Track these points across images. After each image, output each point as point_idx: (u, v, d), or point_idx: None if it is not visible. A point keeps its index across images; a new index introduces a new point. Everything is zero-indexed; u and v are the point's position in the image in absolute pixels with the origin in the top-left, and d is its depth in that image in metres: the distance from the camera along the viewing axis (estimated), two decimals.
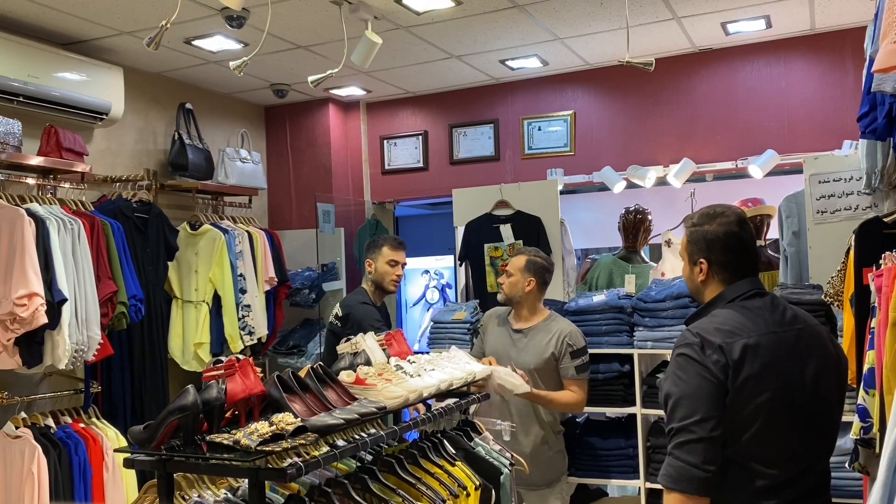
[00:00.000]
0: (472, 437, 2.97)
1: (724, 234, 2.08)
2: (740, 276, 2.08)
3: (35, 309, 3.48)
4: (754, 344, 1.92)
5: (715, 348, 1.91)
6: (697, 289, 2.16)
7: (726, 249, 2.07)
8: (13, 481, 3.54)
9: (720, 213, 2.11)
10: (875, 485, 1.38)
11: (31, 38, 4.20)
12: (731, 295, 2.06)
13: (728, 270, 2.08)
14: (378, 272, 3.88)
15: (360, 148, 6.30)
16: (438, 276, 7.81)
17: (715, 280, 2.10)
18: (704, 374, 1.89)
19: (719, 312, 2.03)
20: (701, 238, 2.11)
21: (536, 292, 3.61)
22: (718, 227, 2.08)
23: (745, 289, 2.06)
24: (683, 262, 2.19)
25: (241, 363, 2.17)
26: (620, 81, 5.44)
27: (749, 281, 2.08)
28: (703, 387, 1.89)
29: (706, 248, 2.09)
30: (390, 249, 3.87)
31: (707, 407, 1.87)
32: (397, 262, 3.89)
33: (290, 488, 2.27)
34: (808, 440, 1.96)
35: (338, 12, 4.01)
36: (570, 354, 3.54)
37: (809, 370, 1.97)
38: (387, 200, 6.35)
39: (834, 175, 4.18)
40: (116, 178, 4.71)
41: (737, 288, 2.06)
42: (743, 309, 2.01)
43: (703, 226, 2.11)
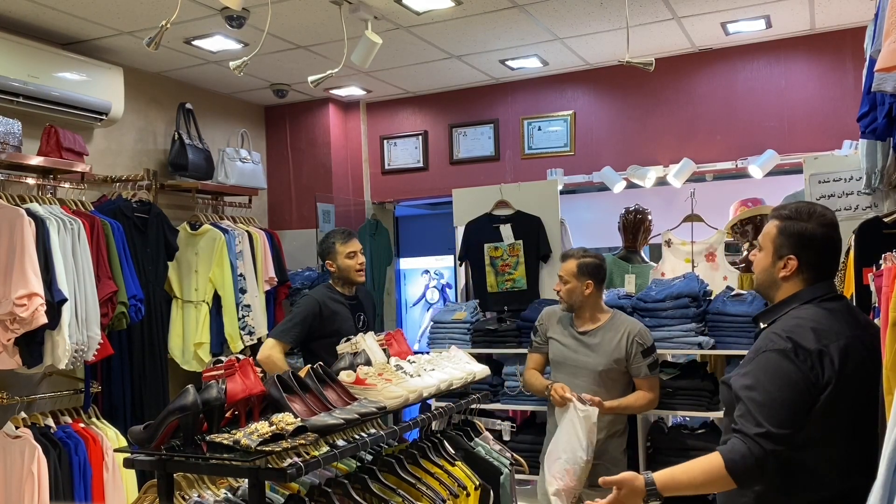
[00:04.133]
0: (472, 437, 2.97)
1: (823, 235, 2.02)
2: (823, 278, 2.03)
3: (35, 309, 3.48)
4: (844, 346, 1.88)
5: (808, 353, 1.87)
6: (773, 283, 2.07)
7: (821, 251, 2.02)
8: (13, 481, 3.54)
9: (819, 213, 2.04)
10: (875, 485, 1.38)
11: (31, 38, 4.20)
12: (809, 296, 2.00)
13: (815, 271, 2.03)
14: (341, 269, 3.86)
15: (360, 148, 6.30)
16: (438, 276, 7.81)
17: (798, 279, 2.03)
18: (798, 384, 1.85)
19: (802, 313, 1.97)
20: (796, 233, 2.02)
21: (596, 293, 3.52)
22: (818, 227, 2.01)
23: (825, 290, 2.02)
24: (764, 252, 2.09)
25: (241, 363, 2.18)
26: (620, 81, 5.44)
27: (828, 283, 2.04)
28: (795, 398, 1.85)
29: (799, 245, 2.02)
30: (342, 244, 3.84)
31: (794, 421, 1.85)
32: (354, 252, 3.86)
33: (290, 488, 2.27)
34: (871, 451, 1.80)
35: (338, 12, 4.01)
36: (640, 353, 3.47)
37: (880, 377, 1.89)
38: (387, 200, 6.35)
39: (834, 175, 4.18)
40: (116, 178, 4.70)
41: (816, 289, 2.01)
42: (825, 311, 1.96)
43: (801, 221, 2.02)
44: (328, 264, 3.90)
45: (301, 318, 3.76)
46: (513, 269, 4.96)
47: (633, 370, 3.47)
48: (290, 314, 3.94)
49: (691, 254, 4.86)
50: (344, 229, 4.06)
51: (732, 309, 4.05)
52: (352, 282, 3.89)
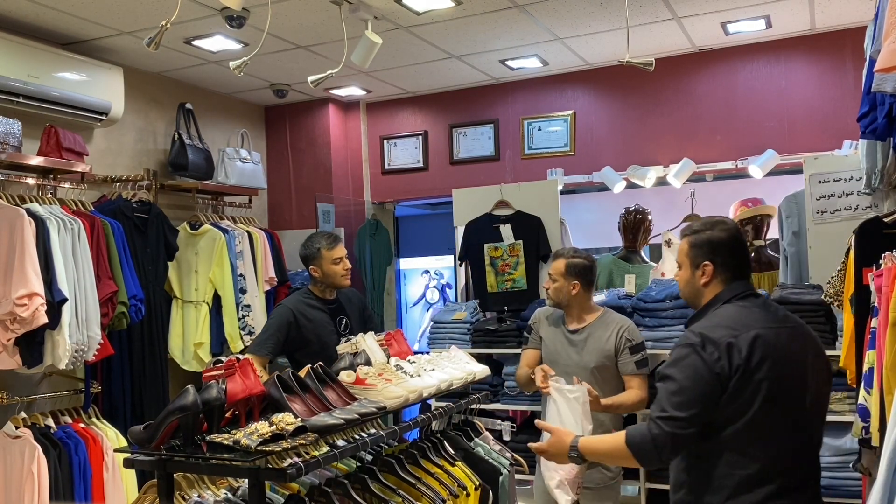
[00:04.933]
0: (472, 437, 2.97)
1: (729, 237, 2.24)
2: (738, 278, 2.23)
3: (35, 309, 3.48)
4: (755, 336, 2.06)
5: (716, 345, 2.04)
6: (697, 292, 2.28)
7: (731, 252, 2.23)
8: (13, 481, 3.54)
9: (721, 221, 2.28)
10: (875, 485, 1.38)
11: (31, 38, 4.20)
12: (728, 295, 2.20)
13: (730, 272, 2.22)
14: (326, 275, 3.76)
15: (360, 148, 6.31)
16: (438, 276, 7.81)
17: (716, 281, 2.24)
18: (702, 373, 2.04)
19: (718, 311, 2.18)
20: (706, 241, 2.25)
21: (583, 293, 3.50)
22: (722, 232, 2.24)
23: (741, 289, 2.21)
24: (683, 268, 2.31)
25: (241, 363, 2.18)
26: (620, 81, 5.44)
27: (744, 283, 2.24)
28: (697, 387, 2.04)
29: (711, 252, 2.23)
30: (328, 250, 3.73)
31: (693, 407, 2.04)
32: (340, 258, 3.77)
33: (290, 488, 2.27)
34: (802, 430, 2.10)
35: (338, 12, 4.01)
36: (629, 349, 3.44)
37: (804, 364, 2.12)
38: (387, 200, 6.35)
39: (834, 175, 4.18)
40: (116, 178, 4.70)
41: (733, 288, 2.21)
42: (740, 307, 2.16)
43: (706, 231, 2.26)
44: (312, 270, 3.78)
45: (275, 329, 3.69)
46: (513, 269, 4.96)
47: (622, 366, 3.46)
48: (265, 325, 3.86)
49: None
50: (328, 233, 3.94)
51: None
52: (337, 287, 3.81)
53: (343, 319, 3.82)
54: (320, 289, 3.82)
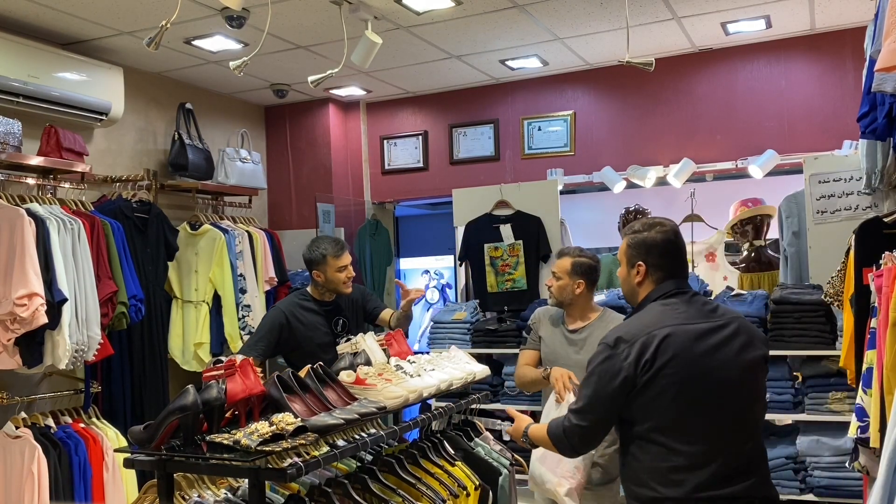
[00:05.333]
0: (472, 437, 2.97)
1: (663, 240, 2.33)
2: (670, 277, 2.31)
3: (35, 309, 3.48)
4: (667, 334, 2.16)
5: (628, 344, 2.17)
6: (633, 290, 2.39)
7: (662, 254, 2.31)
8: (13, 481, 3.54)
9: (659, 223, 2.37)
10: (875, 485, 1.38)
11: (31, 38, 4.20)
12: (656, 294, 2.31)
13: (661, 272, 2.32)
14: (329, 281, 3.72)
15: (360, 148, 6.31)
16: (438, 276, 7.81)
17: (648, 281, 2.34)
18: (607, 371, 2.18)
19: (643, 312, 2.30)
20: (640, 242, 2.35)
21: (587, 293, 3.49)
22: (657, 234, 2.33)
23: (669, 288, 2.30)
24: (622, 266, 2.43)
25: (241, 363, 2.18)
26: (620, 81, 5.44)
27: (674, 282, 2.31)
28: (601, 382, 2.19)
29: (645, 252, 2.33)
30: (334, 258, 3.69)
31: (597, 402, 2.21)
32: (345, 266, 3.73)
33: (290, 488, 2.27)
34: (721, 421, 2.17)
35: (338, 12, 4.01)
36: None
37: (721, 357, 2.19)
38: (387, 200, 6.35)
39: (834, 175, 4.18)
40: (116, 178, 4.70)
41: (662, 288, 2.31)
42: (662, 306, 2.27)
43: (643, 233, 2.36)
44: (315, 274, 3.74)
45: (266, 331, 3.69)
46: (513, 269, 4.97)
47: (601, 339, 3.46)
48: (257, 327, 3.85)
49: (691, 254, 4.86)
50: (335, 239, 3.89)
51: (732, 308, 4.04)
52: (338, 293, 3.79)
53: (340, 320, 3.81)
54: (319, 291, 3.80)
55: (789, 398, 3.85)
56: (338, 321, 3.80)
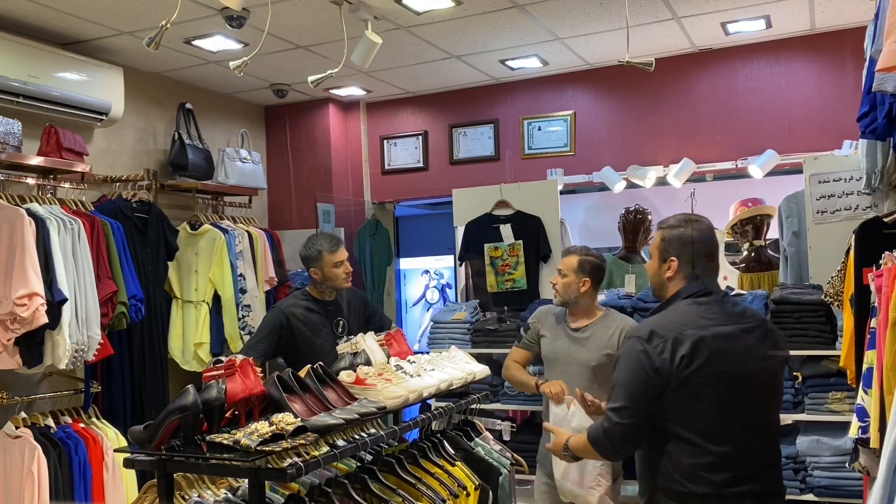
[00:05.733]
0: (472, 437, 2.97)
1: (698, 238, 2.32)
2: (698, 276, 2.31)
3: (35, 309, 3.48)
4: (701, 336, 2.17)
5: (663, 339, 2.16)
6: (662, 284, 2.38)
7: (697, 252, 2.31)
8: (13, 481, 3.54)
9: (695, 220, 2.36)
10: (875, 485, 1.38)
11: (31, 38, 4.20)
12: (687, 292, 2.30)
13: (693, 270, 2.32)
14: (327, 277, 3.73)
15: (360, 148, 6.31)
16: (438, 276, 7.80)
17: (678, 277, 2.33)
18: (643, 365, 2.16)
19: (674, 308, 2.29)
20: (675, 238, 2.34)
21: (591, 292, 3.51)
22: (693, 231, 2.33)
23: (700, 287, 2.30)
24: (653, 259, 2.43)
25: (241, 363, 2.18)
26: (620, 81, 5.44)
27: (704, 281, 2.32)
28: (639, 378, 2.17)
29: (679, 248, 2.33)
30: (330, 254, 3.70)
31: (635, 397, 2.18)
32: (342, 262, 3.74)
33: (290, 488, 2.27)
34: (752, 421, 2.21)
35: (338, 12, 4.01)
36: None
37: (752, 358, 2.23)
38: (387, 200, 6.35)
39: (834, 175, 4.18)
40: (116, 178, 4.70)
41: (693, 286, 2.30)
42: (695, 305, 2.26)
43: (679, 228, 2.35)
44: (313, 272, 3.75)
45: (267, 332, 3.69)
46: (513, 270, 4.96)
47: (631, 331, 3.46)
48: (258, 328, 3.84)
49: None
50: (330, 235, 3.91)
51: None
52: (338, 289, 3.79)
53: (340, 321, 3.80)
54: (319, 290, 3.80)
55: (789, 398, 3.85)
56: (339, 322, 3.79)
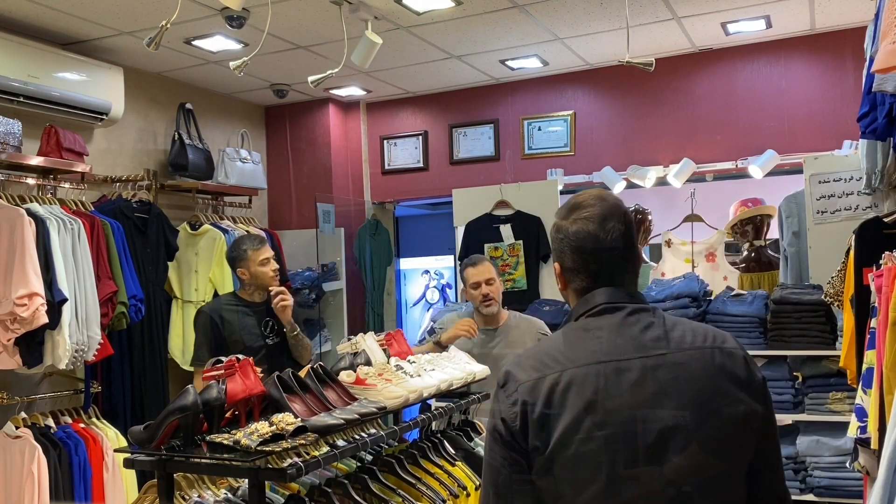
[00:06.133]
0: (472, 437, 2.97)
1: (575, 233, 1.55)
2: (595, 285, 1.55)
3: (35, 309, 3.48)
4: (567, 381, 1.41)
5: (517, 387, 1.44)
6: (565, 299, 1.67)
7: (576, 253, 1.55)
8: (13, 481, 3.54)
9: (579, 205, 1.58)
10: (875, 485, 1.38)
11: (31, 38, 4.20)
12: (579, 311, 1.55)
13: (580, 279, 1.56)
14: (254, 276, 3.75)
15: (360, 148, 6.31)
16: (438, 276, 7.80)
17: (570, 290, 1.60)
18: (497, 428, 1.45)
19: (554, 335, 1.58)
20: (555, 235, 1.61)
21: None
22: (571, 224, 1.56)
23: (596, 302, 1.53)
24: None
25: (241, 363, 2.17)
26: (620, 81, 5.44)
27: (603, 292, 1.53)
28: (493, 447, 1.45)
29: (558, 248, 1.60)
30: (255, 252, 3.74)
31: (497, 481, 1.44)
32: (267, 259, 3.77)
33: (290, 488, 2.27)
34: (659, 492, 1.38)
35: (338, 12, 4.01)
36: None
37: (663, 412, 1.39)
38: (387, 200, 6.35)
39: (834, 175, 4.19)
40: (116, 178, 4.70)
41: (585, 302, 1.55)
42: (579, 330, 1.52)
43: (559, 218, 1.61)
44: (240, 272, 3.78)
45: (202, 336, 3.72)
46: (513, 269, 4.97)
47: None
48: (195, 338, 3.85)
49: (691, 254, 4.86)
50: (255, 236, 3.96)
51: (732, 309, 4.05)
52: (266, 288, 3.80)
53: (270, 322, 3.79)
54: (248, 292, 3.82)
55: (789, 398, 3.86)
56: (268, 322, 3.78)
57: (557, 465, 1.38)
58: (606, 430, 1.38)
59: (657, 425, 1.38)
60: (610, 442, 1.37)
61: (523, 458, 1.40)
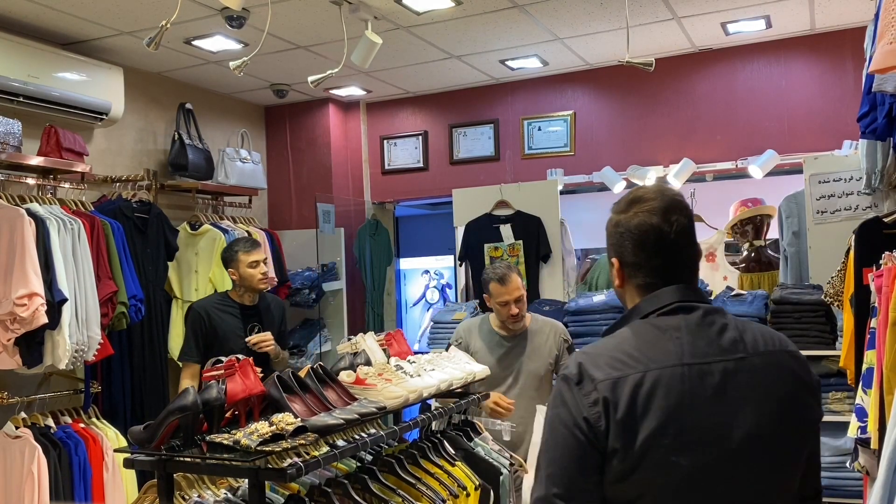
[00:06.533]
0: (472, 437, 2.97)
1: (637, 226, 1.49)
2: (664, 283, 1.49)
3: (35, 309, 3.48)
4: (651, 382, 1.36)
5: (595, 385, 1.37)
6: (620, 296, 1.60)
7: (638, 247, 1.50)
8: (13, 481, 3.54)
9: (639, 199, 1.53)
10: (875, 485, 1.38)
11: (31, 38, 4.20)
12: (647, 308, 1.48)
13: (643, 275, 1.51)
14: (243, 277, 3.81)
15: (360, 148, 6.31)
16: (438, 276, 7.81)
17: (630, 286, 1.54)
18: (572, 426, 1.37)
19: (622, 332, 1.48)
20: (613, 229, 1.55)
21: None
22: (633, 217, 1.51)
23: (666, 300, 1.47)
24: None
25: (241, 363, 2.18)
26: (620, 81, 5.44)
27: (674, 290, 1.48)
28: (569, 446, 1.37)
29: (618, 245, 1.53)
30: (245, 254, 3.80)
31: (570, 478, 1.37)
32: (257, 262, 3.82)
33: (290, 488, 2.27)
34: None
35: (338, 12, 4.01)
36: (566, 350, 3.53)
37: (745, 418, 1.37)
38: (387, 200, 6.35)
39: (834, 175, 4.19)
40: (116, 178, 4.70)
41: (654, 299, 1.48)
42: (653, 329, 1.45)
43: (616, 213, 1.56)
44: (230, 272, 3.86)
45: (192, 333, 3.78)
46: None
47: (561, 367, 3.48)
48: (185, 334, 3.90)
49: None
50: (249, 239, 4.03)
51: (732, 309, 4.04)
52: (254, 290, 3.86)
53: (255, 327, 3.83)
54: (238, 293, 3.88)
55: None
56: (253, 326, 3.83)
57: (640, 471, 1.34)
58: (693, 435, 1.35)
59: (740, 431, 1.36)
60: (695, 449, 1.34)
61: (600, 460, 1.36)
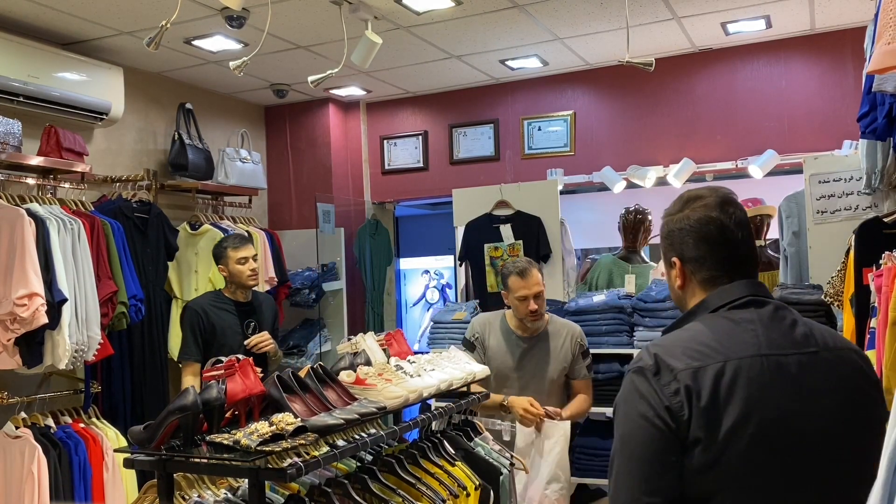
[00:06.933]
0: (472, 437, 2.97)
1: (698, 220, 1.52)
2: (729, 277, 1.50)
3: (35, 309, 3.48)
4: (732, 372, 1.36)
5: (675, 375, 1.37)
6: (679, 298, 1.61)
7: (701, 240, 1.52)
8: (13, 481, 3.54)
9: (697, 196, 1.57)
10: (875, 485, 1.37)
11: (31, 38, 4.20)
12: (717, 302, 1.49)
13: (707, 269, 1.52)
14: (232, 274, 3.86)
15: (360, 148, 6.31)
16: (438, 276, 7.81)
17: (693, 283, 1.54)
18: (653, 418, 1.36)
19: (693, 325, 1.48)
20: (673, 228, 1.57)
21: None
22: (692, 213, 1.54)
23: (737, 294, 1.48)
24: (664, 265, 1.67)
25: (241, 363, 2.18)
26: (620, 81, 5.44)
27: (744, 284, 1.49)
28: (652, 438, 1.35)
29: (679, 242, 1.55)
30: (234, 251, 3.84)
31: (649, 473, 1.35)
32: (245, 258, 3.86)
33: (290, 488, 2.27)
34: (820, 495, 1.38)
35: (338, 12, 4.01)
36: (581, 354, 3.51)
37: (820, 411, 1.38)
38: (387, 200, 6.35)
39: (834, 175, 4.18)
40: (116, 178, 4.70)
41: (724, 293, 1.49)
42: (727, 322, 1.45)
43: (672, 213, 1.59)
44: (220, 269, 3.90)
45: (190, 331, 3.80)
46: None
47: (575, 371, 3.48)
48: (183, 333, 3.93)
49: None
50: (239, 235, 4.07)
51: None
52: (244, 286, 3.90)
53: (252, 323, 3.88)
54: (231, 290, 3.91)
55: None
56: (249, 323, 3.87)
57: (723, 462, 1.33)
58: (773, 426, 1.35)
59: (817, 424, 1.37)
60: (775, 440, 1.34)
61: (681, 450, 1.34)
